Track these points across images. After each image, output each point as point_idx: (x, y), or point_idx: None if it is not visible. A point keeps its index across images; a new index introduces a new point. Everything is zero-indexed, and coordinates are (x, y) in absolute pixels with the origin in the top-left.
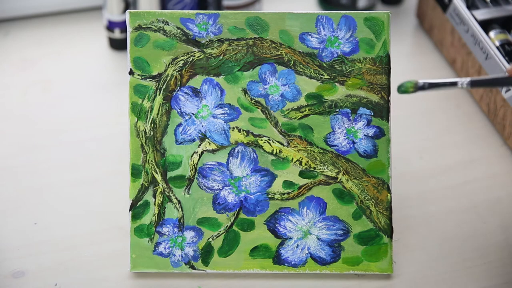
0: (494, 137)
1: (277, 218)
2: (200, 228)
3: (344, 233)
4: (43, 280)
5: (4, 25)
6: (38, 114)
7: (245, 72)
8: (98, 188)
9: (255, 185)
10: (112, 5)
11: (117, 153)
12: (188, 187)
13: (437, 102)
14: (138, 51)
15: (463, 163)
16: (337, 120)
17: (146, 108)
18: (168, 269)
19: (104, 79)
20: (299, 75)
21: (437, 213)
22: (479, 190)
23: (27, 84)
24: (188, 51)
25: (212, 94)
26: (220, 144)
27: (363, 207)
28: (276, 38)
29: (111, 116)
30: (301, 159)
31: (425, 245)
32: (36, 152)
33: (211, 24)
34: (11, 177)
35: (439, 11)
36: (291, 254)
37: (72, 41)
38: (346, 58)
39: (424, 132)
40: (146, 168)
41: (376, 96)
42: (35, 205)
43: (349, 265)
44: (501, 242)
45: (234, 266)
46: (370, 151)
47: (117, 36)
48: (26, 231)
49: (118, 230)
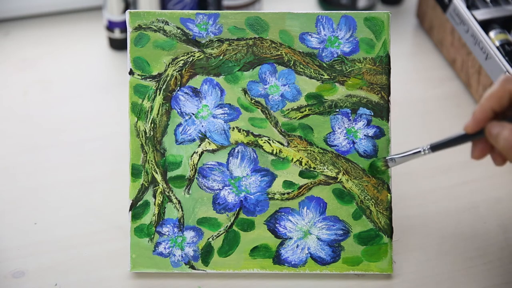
0: None
1: (277, 218)
2: (200, 228)
3: (344, 233)
4: (43, 280)
5: (4, 25)
6: (38, 114)
7: (245, 72)
8: (98, 188)
9: (255, 185)
10: (112, 5)
11: (117, 153)
12: (188, 187)
13: (437, 102)
14: (138, 51)
15: (463, 163)
16: (337, 120)
17: (146, 108)
18: (168, 269)
19: (104, 79)
20: (299, 75)
21: (437, 213)
22: (479, 190)
23: (27, 84)
24: (188, 51)
25: (212, 94)
26: (220, 144)
27: (363, 207)
28: (276, 38)
29: (111, 116)
30: (301, 159)
31: (425, 245)
32: (36, 152)
33: (211, 24)
34: (11, 177)
35: (439, 11)
36: (291, 254)
37: (72, 41)
38: (346, 58)
39: (424, 132)
40: (146, 168)
41: (376, 96)
42: (35, 205)
43: (349, 265)
44: (501, 242)
45: (234, 266)
46: (370, 151)
47: (117, 36)
48: (26, 231)
49: (118, 230)
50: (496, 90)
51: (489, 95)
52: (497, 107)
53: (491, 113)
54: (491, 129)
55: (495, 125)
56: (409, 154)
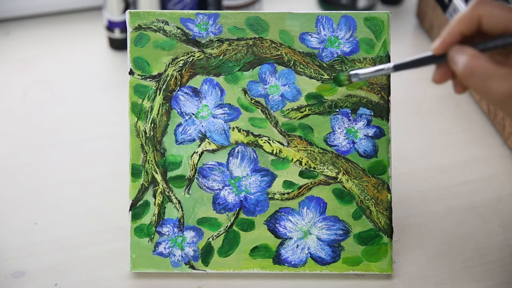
0: (494, 137)
1: (277, 218)
2: (200, 228)
3: (344, 233)
4: (43, 280)
5: (4, 25)
6: (38, 114)
7: (245, 72)
8: (98, 188)
9: (255, 185)
10: (112, 5)
11: (117, 153)
12: (188, 187)
13: (437, 102)
14: (138, 51)
15: (463, 163)
16: (337, 120)
17: (146, 108)
18: (168, 269)
19: (104, 79)
20: (299, 75)
21: (437, 213)
22: (479, 190)
23: (27, 84)
24: (188, 51)
25: (212, 94)
26: (220, 144)
27: (363, 207)
28: (276, 38)
29: (111, 116)
30: (301, 159)
31: (425, 245)
32: (36, 152)
33: (211, 24)
34: (11, 177)
35: (439, 11)
36: (291, 254)
37: (72, 41)
38: (346, 58)
39: (424, 132)
40: (146, 168)
41: (376, 96)
42: (35, 205)
43: (349, 265)
44: (501, 242)
45: (234, 266)
46: (370, 151)
47: (117, 36)
48: (26, 231)
49: (118, 230)
50: (466, 13)
51: (459, 18)
52: (466, 31)
53: (459, 37)
54: (452, 53)
55: (457, 49)
56: (373, 71)
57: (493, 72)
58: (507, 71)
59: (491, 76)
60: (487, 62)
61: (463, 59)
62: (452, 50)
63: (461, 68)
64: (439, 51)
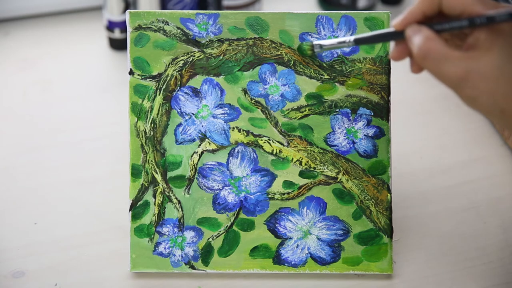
0: (494, 137)
1: (277, 218)
2: (200, 228)
3: (344, 233)
4: (43, 280)
5: (4, 25)
6: (37, 114)
7: (245, 72)
8: (98, 188)
9: (255, 185)
10: (112, 5)
11: (117, 153)
12: (188, 187)
13: (437, 102)
14: (138, 51)
15: (463, 163)
16: (337, 120)
17: (146, 108)
18: (168, 269)
19: (104, 79)
20: (299, 75)
21: (437, 213)
22: (479, 190)
23: (27, 84)
24: (188, 51)
25: (212, 94)
26: (220, 144)
27: (363, 207)
28: (276, 38)
29: (111, 116)
30: (301, 159)
31: (425, 245)
32: (36, 152)
33: (211, 24)
34: (11, 177)
35: None
36: (291, 254)
37: (72, 41)
38: (346, 58)
39: (424, 132)
40: (146, 168)
41: (376, 96)
42: (35, 205)
43: (349, 265)
44: (501, 242)
45: (234, 266)
46: (370, 151)
47: (117, 36)
48: (26, 231)
49: (118, 230)
50: None
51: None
52: (428, 11)
53: (421, 16)
54: (409, 32)
55: (414, 28)
56: (335, 43)
57: (447, 55)
58: (461, 54)
59: (446, 59)
60: (441, 44)
61: (418, 40)
62: (409, 29)
63: (416, 49)
64: (399, 27)
